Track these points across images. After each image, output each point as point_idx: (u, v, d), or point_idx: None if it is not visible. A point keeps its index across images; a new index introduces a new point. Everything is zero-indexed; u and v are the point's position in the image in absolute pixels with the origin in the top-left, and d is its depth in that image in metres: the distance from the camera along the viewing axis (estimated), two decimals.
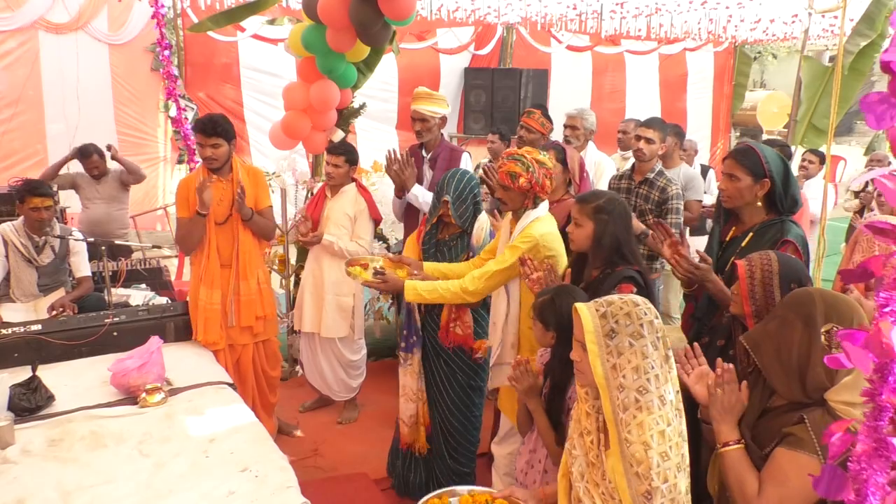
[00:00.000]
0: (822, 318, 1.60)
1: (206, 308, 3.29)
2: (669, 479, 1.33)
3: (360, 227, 3.91)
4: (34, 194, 3.66)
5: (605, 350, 1.42)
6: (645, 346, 1.39)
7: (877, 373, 0.83)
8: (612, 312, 1.43)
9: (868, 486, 0.81)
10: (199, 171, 3.37)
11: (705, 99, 10.52)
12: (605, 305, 1.46)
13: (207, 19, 4.85)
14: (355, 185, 3.97)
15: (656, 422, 1.34)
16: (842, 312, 1.62)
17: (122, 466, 2.15)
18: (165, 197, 7.57)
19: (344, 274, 3.90)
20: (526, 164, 2.63)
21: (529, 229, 2.65)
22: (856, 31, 6.33)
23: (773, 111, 12.10)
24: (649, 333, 1.40)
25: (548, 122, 4.17)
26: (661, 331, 1.42)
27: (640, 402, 1.36)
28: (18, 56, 6.28)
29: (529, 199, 2.70)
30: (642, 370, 1.37)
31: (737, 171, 2.41)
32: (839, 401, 1.56)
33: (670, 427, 1.35)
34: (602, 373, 1.42)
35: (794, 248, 2.29)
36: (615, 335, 1.41)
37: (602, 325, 1.43)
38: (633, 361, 1.38)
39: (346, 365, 4.08)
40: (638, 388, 1.37)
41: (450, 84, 8.17)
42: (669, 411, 1.36)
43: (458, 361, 3.13)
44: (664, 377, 1.39)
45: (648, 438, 1.33)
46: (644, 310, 1.43)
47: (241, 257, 3.36)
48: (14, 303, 3.80)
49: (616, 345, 1.40)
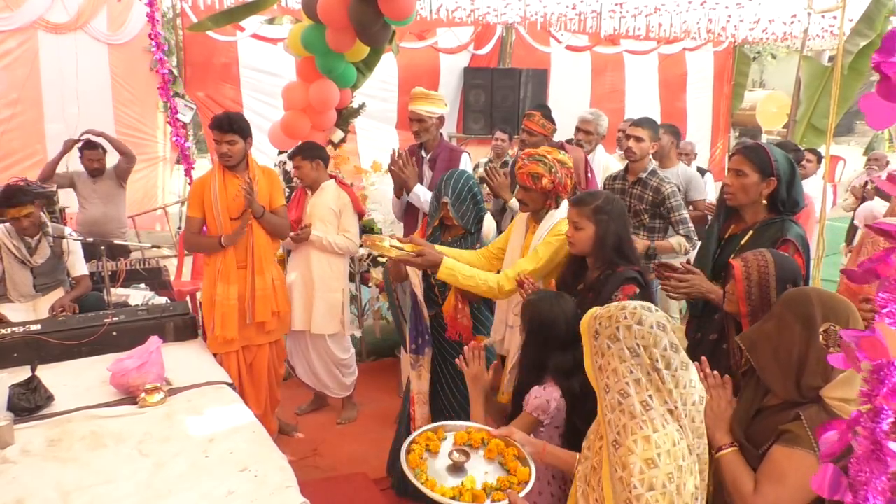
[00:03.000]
0: (821, 318, 1.61)
1: (224, 304, 3.32)
2: (657, 487, 1.28)
3: (347, 220, 3.93)
4: (8, 205, 3.63)
5: (593, 349, 1.43)
6: (621, 349, 1.37)
7: (873, 374, 0.83)
8: (600, 314, 1.44)
9: (867, 489, 0.82)
10: (213, 170, 3.40)
11: (705, 99, 10.53)
12: (602, 308, 1.46)
13: (207, 19, 4.85)
14: (334, 181, 3.98)
15: (640, 426, 1.31)
16: (839, 312, 1.62)
17: (121, 466, 2.15)
18: (165, 197, 7.58)
19: (332, 270, 3.92)
20: (548, 165, 2.63)
21: (560, 226, 2.62)
22: (855, 31, 6.34)
23: (772, 111, 12.10)
24: (625, 338, 1.37)
25: (549, 122, 4.16)
26: (646, 338, 1.37)
27: (622, 404, 1.34)
28: (18, 56, 6.28)
29: (552, 199, 2.69)
30: (621, 373, 1.36)
31: (745, 167, 2.39)
32: (834, 397, 1.57)
33: (657, 434, 1.30)
34: (591, 373, 1.43)
35: (794, 247, 2.28)
36: (598, 336, 1.42)
37: (591, 326, 1.44)
38: (612, 364, 1.38)
39: (337, 363, 4.08)
40: (619, 390, 1.35)
41: (449, 84, 8.17)
42: (656, 417, 1.32)
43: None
44: (649, 384, 1.34)
45: (631, 443, 1.31)
46: (626, 314, 1.40)
47: (255, 253, 3.38)
48: (12, 303, 3.79)
49: (599, 345, 1.41)
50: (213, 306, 3.36)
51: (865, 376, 0.87)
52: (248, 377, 3.51)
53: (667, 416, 1.33)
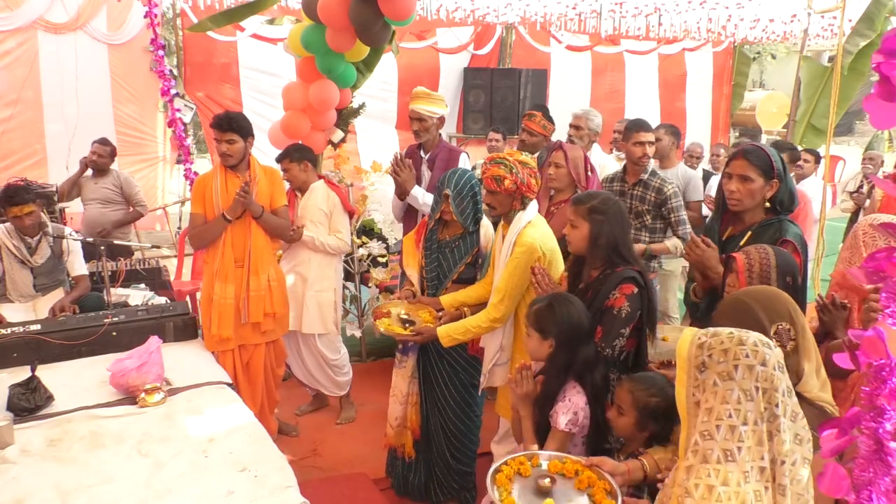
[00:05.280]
0: (767, 321, 1.61)
1: (220, 303, 3.33)
2: None
3: (337, 220, 3.92)
4: (11, 204, 3.64)
5: (692, 381, 1.30)
6: (730, 390, 1.22)
7: (875, 374, 0.83)
8: (710, 344, 1.29)
9: (871, 489, 0.81)
10: (215, 170, 3.40)
11: (704, 99, 10.52)
12: (709, 336, 1.32)
13: (207, 19, 4.85)
14: (323, 182, 3.98)
15: (708, 473, 1.20)
16: (780, 310, 1.64)
17: (121, 466, 2.15)
18: (164, 197, 7.57)
19: (323, 269, 3.93)
20: (509, 166, 2.65)
21: (522, 238, 2.65)
22: (855, 31, 6.34)
23: (772, 111, 12.09)
24: (743, 378, 1.22)
25: (549, 123, 4.16)
26: (768, 380, 1.22)
27: (698, 445, 1.23)
28: (17, 56, 6.27)
29: (517, 200, 2.70)
30: (715, 414, 1.22)
31: (750, 173, 2.36)
32: (813, 395, 1.57)
33: (725, 488, 1.18)
34: (685, 405, 1.31)
35: (793, 247, 2.29)
36: (704, 370, 1.27)
37: (696, 356, 1.30)
38: (710, 402, 1.24)
39: (328, 363, 4.08)
40: (703, 431, 1.23)
41: (449, 84, 8.16)
42: (733, 471, 1.18)
43: (461, 360, 3.14)
44: (743, 434, 1.19)
45: (691, 487, 1.21)
46: (747, 350, 1.24)
47: (252, 253, 3.38)
48: (12, 303, 3.79)
49: (703, 380, 1.27)
50: (210, 305, 3.36)
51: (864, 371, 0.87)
52: (244, 377, 3.50)
53: (752, 473, 1.19)
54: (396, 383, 3.22)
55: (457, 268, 3.10)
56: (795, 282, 1.98)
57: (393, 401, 3.24)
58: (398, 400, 3.21)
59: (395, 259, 4.80)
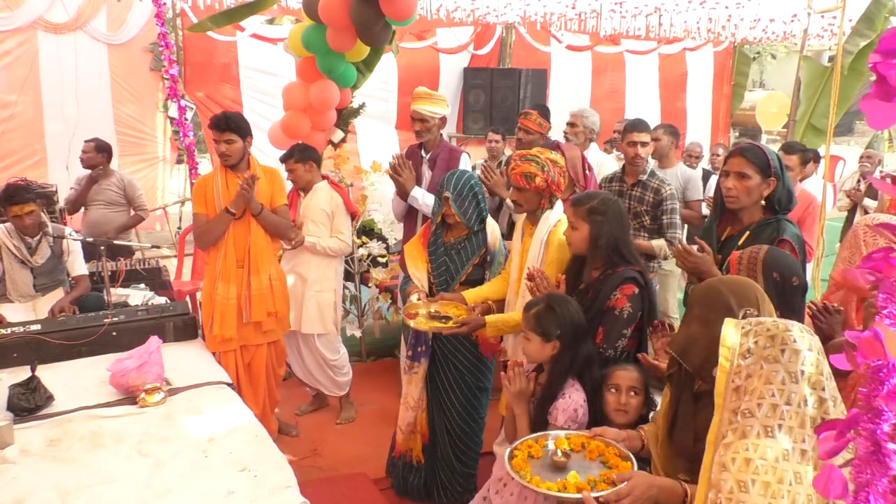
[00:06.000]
0: (737, 307, 1.62)
1: (223, 303, 3.34)
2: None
3: (339, 222, 3.93)
4: (11, 203, 3.65)
5: (734, 369, 1.29)
6: (775, 371, 1.22)
7: (872, 375, 0.83)
8: (756, 332, 1.30)
9: (869, 490, 0.82)
10: (215, 170, 3.40)
11: (705, 99, 10.52)
12: (753, 325, 1.33)
13: (207, 19, 4.85)
14: (326, 183, 3.99)
15: (746, 447, 1.19)
16: (749, 296, 1.65)
17: (121, 466, 2.15)
18: (164, 197, 7.57)
19: (323, 270, 3.93)
20: (541, 164, 2.63)
21: (559, 236, 2.63)
22: (855, 31, 6.34)
23: (772, 111, 12.10)
24: (790, 361, 1.22)
25: (545, 121, 4.16)
26: (814, 365, 1.22)
27: (737, 423, 1.22)
28: (17, 56, 6.27)
29: (545, 198, 2.69)
30: (757, 394, 1.22)
31: (747, 170, 2.36)
32: None
33: (763, 461, 1.17)
34: (722, 392, 1.31)
35: (790, 247, 2.29)
36: (750, 356, 1.27)
37: (741, 344, 1.30)
38: (753, 384, 1.24)
39: (327, 363, 4.08)
40: (744, 409, 1.23)
41: (449, 84, 8.16)
42: (771, 445, 1.18)
43: (467, 364, 3.14)
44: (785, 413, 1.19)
45: (728, 461, 1.20)
46: (795, 336, 1.25)
47: (252, 252, 3.38)
48: (12, 303, 3.79)
49: (747, 365, 1.27)
50: (212, 305, 3.37)
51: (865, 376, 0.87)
52: (245, 377, 3.52)
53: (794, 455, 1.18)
54: (409, 391, 3.18)
55: (464, 269, 3.09)
56: (784, 279, 1.98)
57: (404, 407, 3.21)
58: (410, 406, 3.18)
59: (395, 259, 4.81)
